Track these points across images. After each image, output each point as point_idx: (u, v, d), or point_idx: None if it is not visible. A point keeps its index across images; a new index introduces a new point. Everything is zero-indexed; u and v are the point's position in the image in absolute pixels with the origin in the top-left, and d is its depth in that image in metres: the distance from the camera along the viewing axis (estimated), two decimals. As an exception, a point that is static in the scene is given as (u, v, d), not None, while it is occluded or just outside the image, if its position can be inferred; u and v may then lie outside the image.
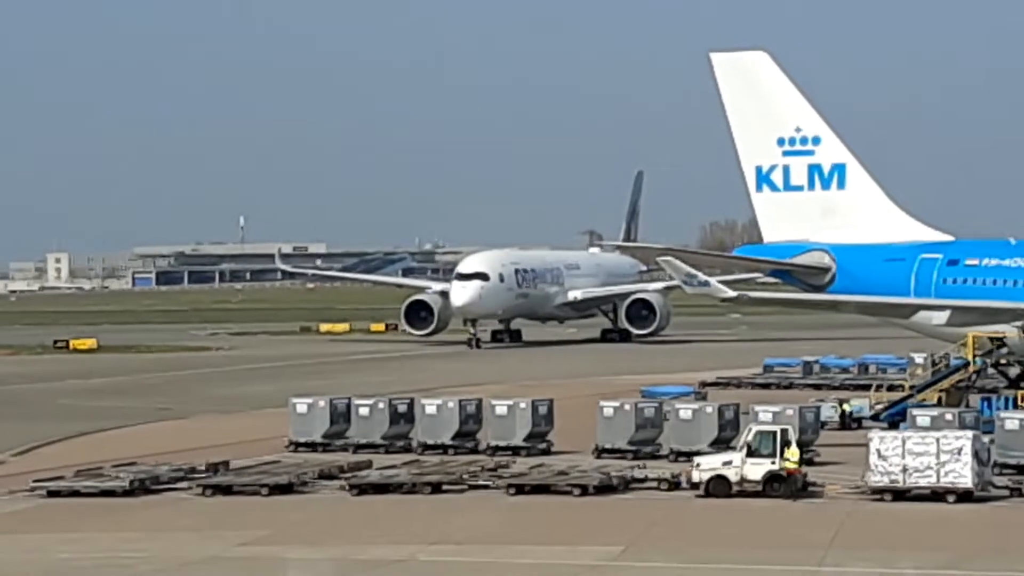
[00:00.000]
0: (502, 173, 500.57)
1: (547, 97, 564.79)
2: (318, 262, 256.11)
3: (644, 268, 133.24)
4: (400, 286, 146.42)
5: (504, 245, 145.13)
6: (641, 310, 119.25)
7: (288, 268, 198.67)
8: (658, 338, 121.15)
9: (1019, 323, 65.13)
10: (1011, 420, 53.96)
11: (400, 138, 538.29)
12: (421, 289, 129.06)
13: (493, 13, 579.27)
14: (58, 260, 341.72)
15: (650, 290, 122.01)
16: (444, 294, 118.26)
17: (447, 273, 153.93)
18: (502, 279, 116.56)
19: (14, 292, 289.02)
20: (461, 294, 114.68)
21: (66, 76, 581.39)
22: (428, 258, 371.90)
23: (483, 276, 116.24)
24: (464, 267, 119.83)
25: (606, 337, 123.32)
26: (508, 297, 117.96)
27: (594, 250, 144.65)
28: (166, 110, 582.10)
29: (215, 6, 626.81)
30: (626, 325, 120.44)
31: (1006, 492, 47.30)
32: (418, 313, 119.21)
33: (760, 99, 77.20)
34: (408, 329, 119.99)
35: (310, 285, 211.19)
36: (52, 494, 49.50)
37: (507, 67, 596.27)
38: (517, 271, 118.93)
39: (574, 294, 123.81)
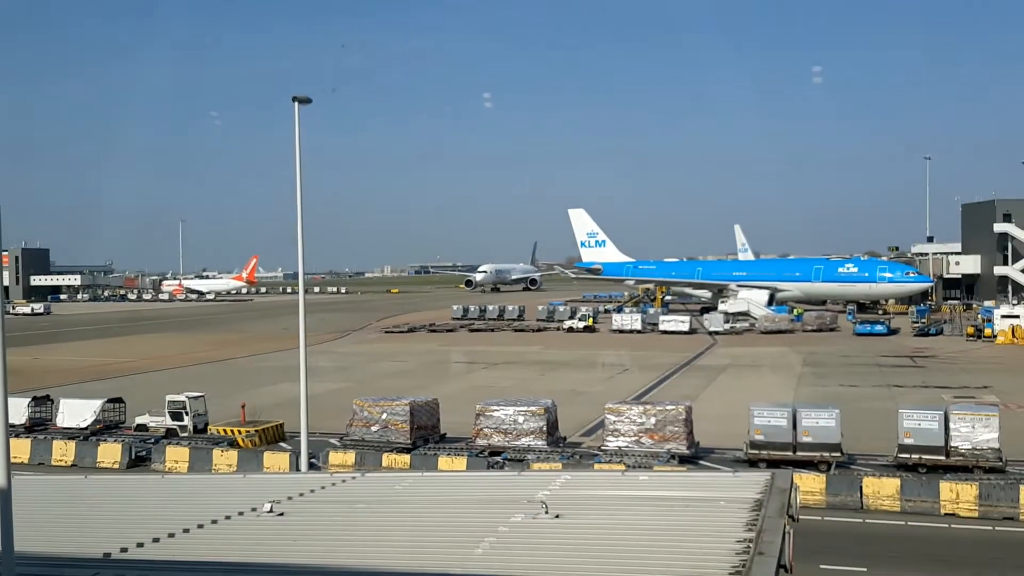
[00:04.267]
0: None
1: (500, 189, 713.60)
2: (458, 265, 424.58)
3: (537, 269, 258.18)
4: (464, 274, 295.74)
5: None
6: (532, 281, 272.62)
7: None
8: (540, 291, 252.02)
9: (652, 283, 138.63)
10: (651, 311, 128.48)
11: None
12: (469, 274, 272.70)
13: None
14: (383, 269, 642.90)
15: (536, 276, 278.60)
16: (476, 277, 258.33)
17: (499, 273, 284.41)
18: (490, 273, 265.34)
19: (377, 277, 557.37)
20: (478, 277, 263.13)
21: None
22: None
23: (484, 271, 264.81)
24: (479, 269, 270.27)
25: (524, 291, 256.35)
26: (493, 278, 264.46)
27: (521, 263, 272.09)
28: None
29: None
30: (529, 287, 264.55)
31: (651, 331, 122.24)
32: (468, 283, 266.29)
33: (582, 223, 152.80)
34: (465, 288, 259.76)
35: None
36: (388, 333, 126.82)
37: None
38: (496, 270, 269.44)
39: (513, 277, 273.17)
